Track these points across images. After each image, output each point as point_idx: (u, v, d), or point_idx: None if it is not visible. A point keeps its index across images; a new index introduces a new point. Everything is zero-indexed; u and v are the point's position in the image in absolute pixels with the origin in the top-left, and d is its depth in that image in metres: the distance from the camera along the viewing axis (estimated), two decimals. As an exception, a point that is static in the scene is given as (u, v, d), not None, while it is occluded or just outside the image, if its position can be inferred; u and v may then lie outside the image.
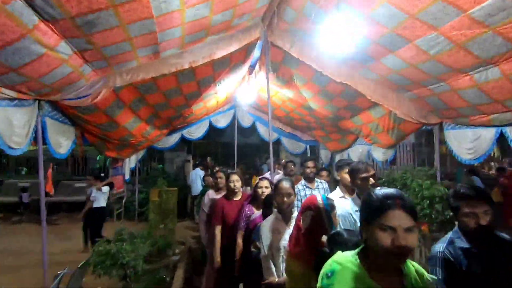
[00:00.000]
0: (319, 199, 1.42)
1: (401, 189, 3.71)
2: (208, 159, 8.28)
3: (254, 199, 2.71)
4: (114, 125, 3.72)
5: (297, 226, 1.48)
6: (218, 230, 2.81)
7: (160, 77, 3.31)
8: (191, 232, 6.01)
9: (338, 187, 2.33)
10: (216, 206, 2.89)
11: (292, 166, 4.35)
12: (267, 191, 2.58)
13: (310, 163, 3.56)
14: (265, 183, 2.67)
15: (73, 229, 6.32)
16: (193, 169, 8.61)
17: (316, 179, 3.59)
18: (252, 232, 2.41)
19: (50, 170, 7.54)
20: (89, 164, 9.88)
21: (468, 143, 3.39)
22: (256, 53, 4.50)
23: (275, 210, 2.05)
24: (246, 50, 3.83)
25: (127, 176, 6.14)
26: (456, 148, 3.56)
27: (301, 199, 3.04)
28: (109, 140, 4.04)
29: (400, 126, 4.07)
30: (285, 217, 1.95)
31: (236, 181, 2.91)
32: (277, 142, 8.14)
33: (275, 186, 2.01)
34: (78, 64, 2.43)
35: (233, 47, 3.37)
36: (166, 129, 5.28)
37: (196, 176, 7.75)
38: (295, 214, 1.93)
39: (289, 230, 1.80)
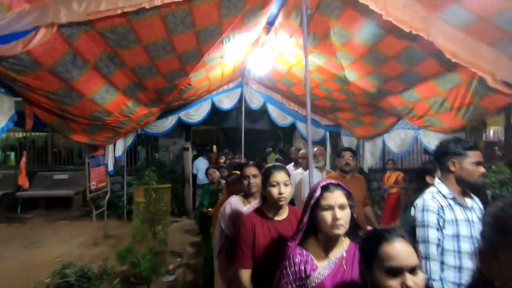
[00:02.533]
0: None
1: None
2: (214, 147, 6.99)
3: (310, 228, 1.16)
4: (74, 96, 2.54)
5: None
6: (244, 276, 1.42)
7: (138, 17, 2.13)
8: (190, 237, 4.92)
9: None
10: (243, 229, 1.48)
11: (351, 158, 2.75)
12: (345, 216, 1.08)
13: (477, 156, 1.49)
14: (338, 196, 1.09)
15: (47, 231, 5.24)
16: (195, 158, 7.55)
17: None
18: None
19: (23, 159, 6.39)
20: (75, 152, 8.66)
21: None
22: (274, 9, 3.29)
23: None
24: (269, -15, 2.61)
25: (110, 167, 5.00)
26: None
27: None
28: (72, 118, 2.87)
29: (483, 101, 2.88)
30: None
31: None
32: (291, 128, 6.98)
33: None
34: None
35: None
36: (156, 108, 4.09)
37: (202, 165, 6.76)
38: None
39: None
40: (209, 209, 3.09)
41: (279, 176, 1.48)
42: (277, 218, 1.51)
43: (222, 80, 4.80)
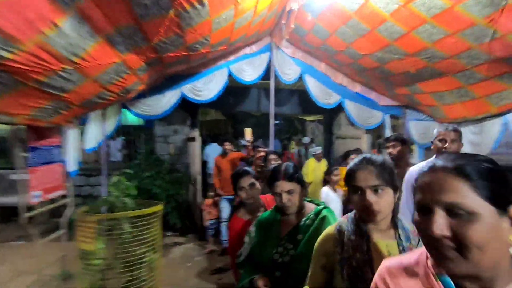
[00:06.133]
0: None
1: None
2: (248, 132, 4.94)
3: None
4: None
5: None
6: None
7: None
8: (199, 280, 3.12)
9: None
10: None
11: None
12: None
13: None
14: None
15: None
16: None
17: None
18: None
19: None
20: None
21: None
22: None
23: None
24: None
25: (71, 167, 3.17)
26: None
27: None
28: None
29: None
30: None
31: None
32: (336, 110, 5.10)
33: None
34: None
35: None
36: (136, 56, 2.21)
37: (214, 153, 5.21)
38: None
39: None
40: None
41: None
42: None
43: (251, 21, 2.92)
